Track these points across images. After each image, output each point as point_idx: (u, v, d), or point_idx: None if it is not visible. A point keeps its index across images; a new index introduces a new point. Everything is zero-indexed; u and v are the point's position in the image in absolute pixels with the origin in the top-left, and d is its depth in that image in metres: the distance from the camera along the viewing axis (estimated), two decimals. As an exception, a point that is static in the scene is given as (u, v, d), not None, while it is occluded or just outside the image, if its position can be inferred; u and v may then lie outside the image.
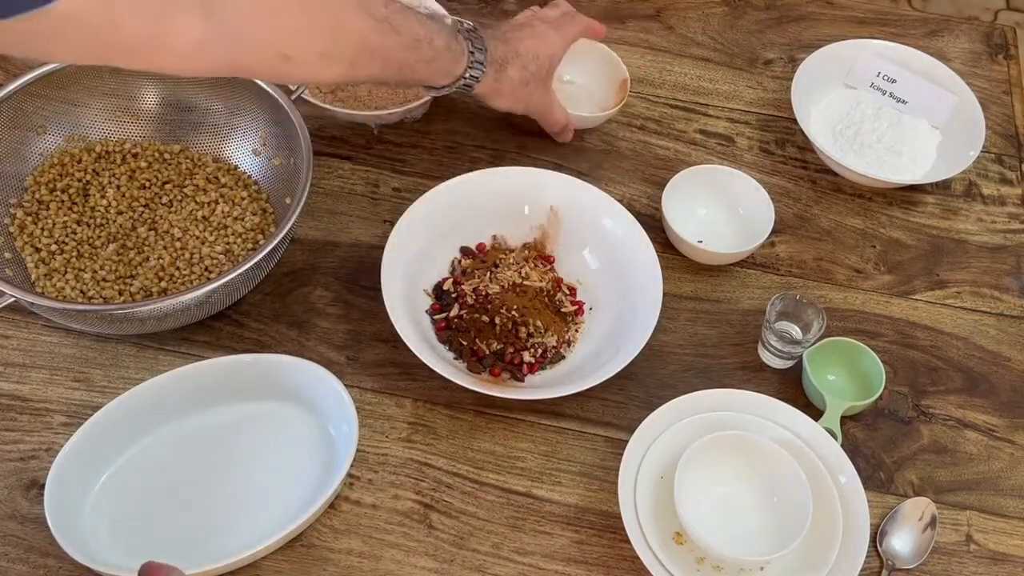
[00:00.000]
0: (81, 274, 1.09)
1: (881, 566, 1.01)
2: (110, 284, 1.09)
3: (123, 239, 1.11)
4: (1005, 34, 1.49)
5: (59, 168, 1.14)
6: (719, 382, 1.10)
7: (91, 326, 1.05)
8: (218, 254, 1.12)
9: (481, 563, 0.99)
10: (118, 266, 1.10)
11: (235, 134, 1.19)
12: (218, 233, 1.13)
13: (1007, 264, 1.25)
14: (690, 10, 1.46)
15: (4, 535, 0.97)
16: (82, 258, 1.10)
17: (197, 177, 1.16)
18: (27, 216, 1.12)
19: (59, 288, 1.08)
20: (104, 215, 1.13)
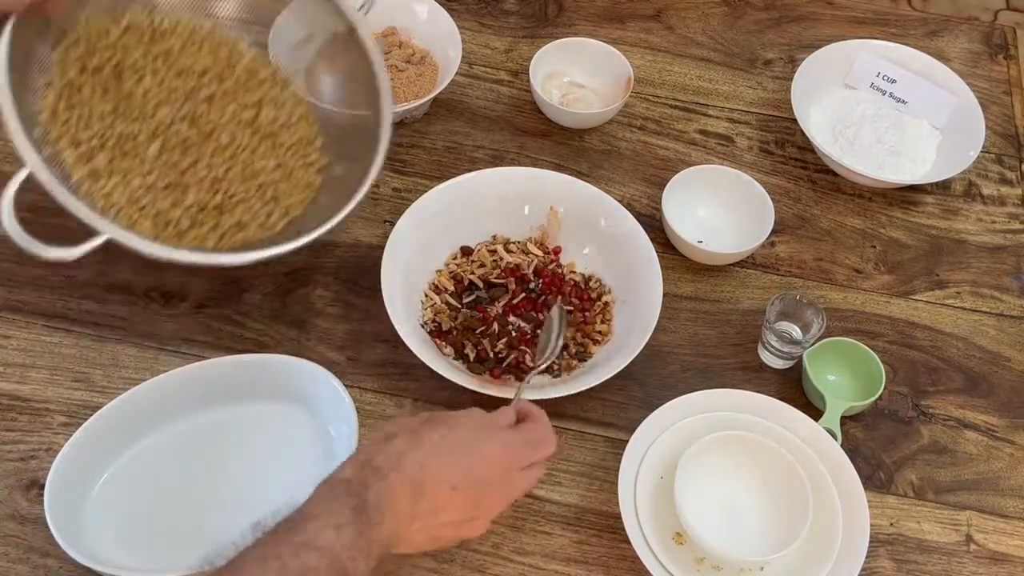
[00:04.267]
0: (129, 179, 0.98)
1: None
2: (163, 195, 0.99)
3: (165, 137, 1.00)
4: (1005, 34, 1.49)
5: (86, 44, 1.00)
6: (719, 382, 1.10)
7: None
8: (271, 170, 1.04)
9: (481, 563, 0.99)
10: (166, 171, 0.99)
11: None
12: (267, 143, 1.04)
13: (1007, 264, 1.25)
14: (690, 10, 1.46)
15: (4, 535, 0.97)
16: (126, 157, 0.99)
17: (237, 69, 1.05)
18: (59, 101, 0.97)
19: (107, 195, 0.97)
20: (142, 106, 1.01)
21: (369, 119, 1.05)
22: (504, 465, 0.86)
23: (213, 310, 1.12)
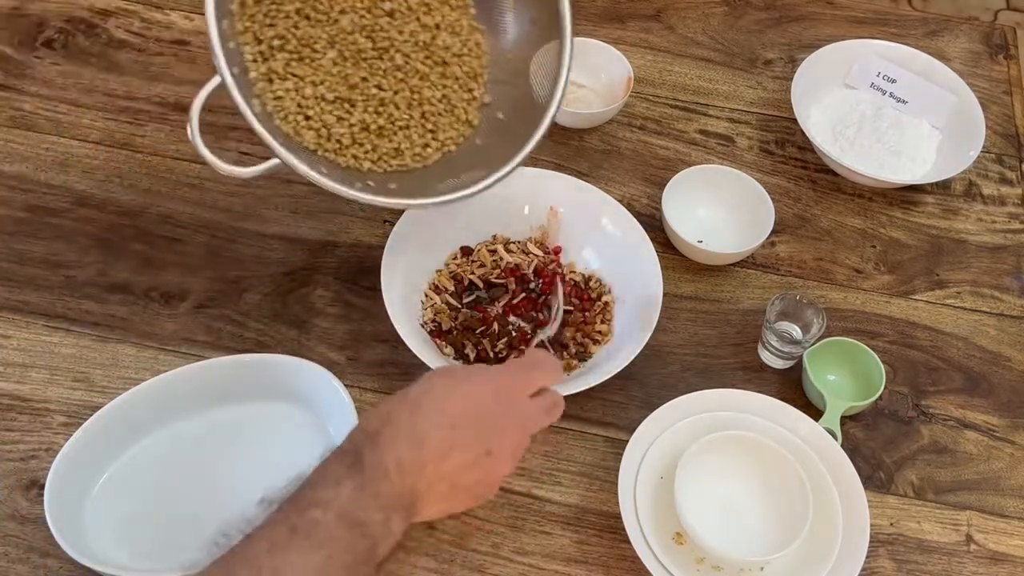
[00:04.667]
0: (302, 86, 0.98)
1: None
2: (330, 108, 0.99)
3: (342, 46, 1.00)
4: (1005, 34, 1.49)
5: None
6: (719, 382, 1.10)
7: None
8: (436, 100, 1.02)
9: (481, 563, 0.99)
10: (337, 83, 1.00)
11: None
12: (437, 71, 1.03)
13: (1007, 264, 1.25)
14: (690, 10, 1.46)
15: (4, 535, 0.97)
16: (303, 62, 0.99)
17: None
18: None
19: (278, 98, 0.98)
20: (328, 10, 1.00)
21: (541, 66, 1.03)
22: (504, 393, 0.81)
23: (213, 310, 1.12)
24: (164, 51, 1.34)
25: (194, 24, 1.37)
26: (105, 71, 1.32)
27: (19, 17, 1.36)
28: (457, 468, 0.78)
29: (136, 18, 1.37)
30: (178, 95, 1.30)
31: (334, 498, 0.72)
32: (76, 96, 1.29)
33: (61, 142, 1.24)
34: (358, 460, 0.75)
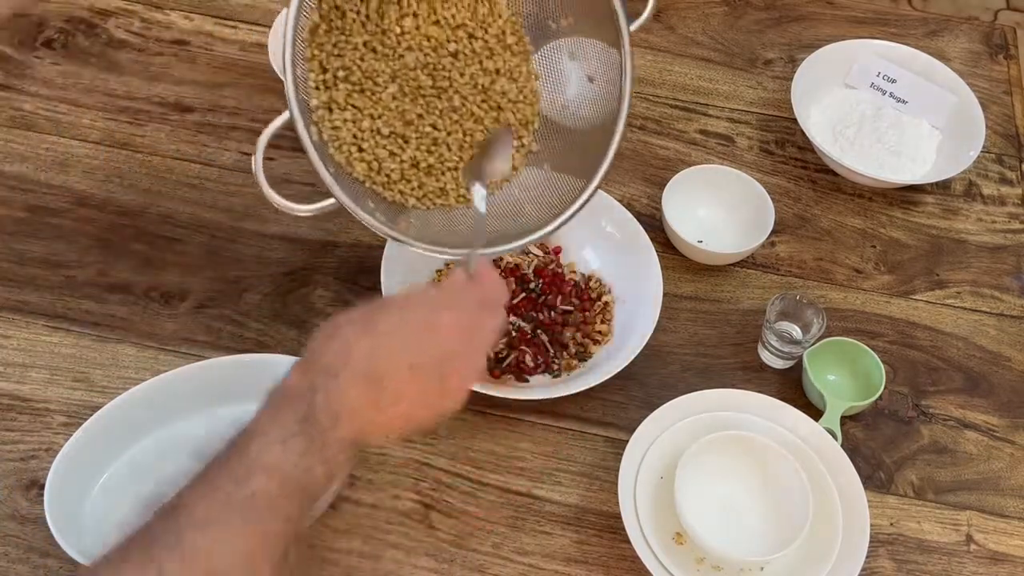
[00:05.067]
0: (360, 118, 0.98)
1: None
2: (384, 142, 0.99)
3: (403, 82, 1.00)
4: (1005, 34, 1.49)
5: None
6: (719, 382, 1.10)
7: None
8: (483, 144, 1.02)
9: (481, 563, 0.99)
10: (394, 119, 1.00)
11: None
12: (492, 115, 1.03)
13: (1007, 264, 1.25)
14: (690, 10, 1.46)
15: (4, 535, 0.97)
16: (363, 94, 0.99)
17: (490, 30, 1.03)
18: (323, 21, 0.97)
19: (336, 128, 0.98)
20: (395, 45, 1.00)
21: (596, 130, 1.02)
22: (460, 333, 0.79)
23: (213, 310, 1.12)
24: (164, 51, 1.34)
25: (194, 24, 1.37)
26: (105, 71, 1.32)
27: (19, 17, 1.36)
28: (412, 405, 0.76)
29: (136, 18, 1.37)
30: (178, 95, 1.30)
31: (281, 462, 0.69)
32: (76, 96, 1.29)
33: (61, 142, 1.24)
34: (311, 411, 0.72)
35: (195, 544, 0.65)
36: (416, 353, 0.76)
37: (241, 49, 1.35)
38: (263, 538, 0.68)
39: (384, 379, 0.74)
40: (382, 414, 0.75)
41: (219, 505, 0.67)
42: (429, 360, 0.77)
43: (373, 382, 0.74)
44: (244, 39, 1.35)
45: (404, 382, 0.75)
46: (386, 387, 0.74)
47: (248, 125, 1.27)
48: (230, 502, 0.67)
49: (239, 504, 0.67)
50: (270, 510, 0.68)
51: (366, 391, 0.74)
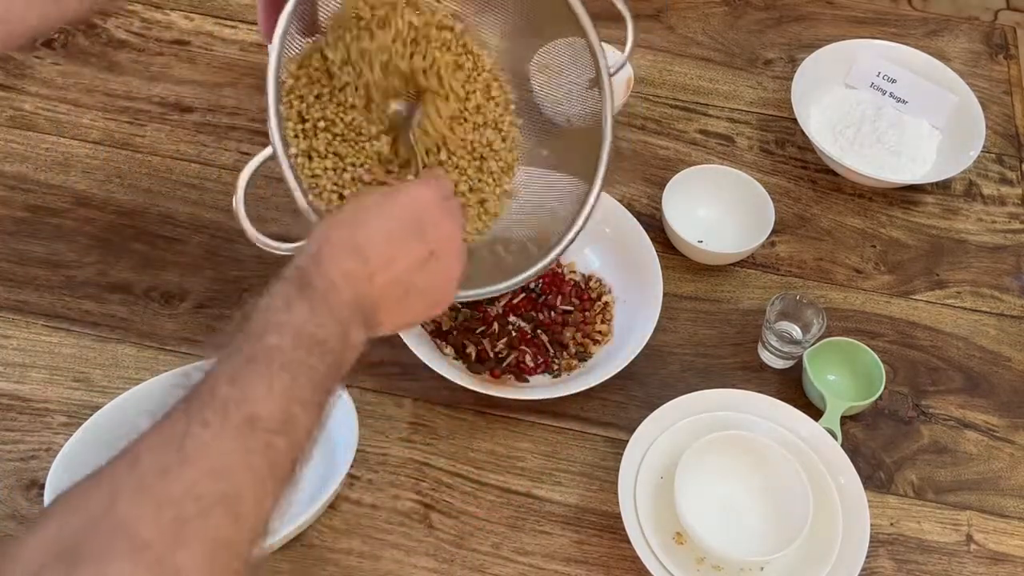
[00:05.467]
0: (341, 167, 0.95)
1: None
2: (367, 190, 0.95)
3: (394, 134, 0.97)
4: (1005, 34, 1.49)
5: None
6: (719, 382, 1.10)
7: None
8: (468, 192, 1.01)
9: (481, 563, 0.99)
10: (376, 169, 0.96)
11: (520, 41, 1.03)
12: (475, 165, 1.01)
13: (1007, 264, 1.25)
14: (690, 10, 1.46)
15: (4, 535, 0.97)
16: (346, 142, 0.96)
17: (477, 85, 1.01)
18: (300, 71, 0.94)
19: (315, 177, 0.96)
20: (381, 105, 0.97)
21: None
22: (425, 195, 0.83)
23: (213, 310, 1.12)
24: (164, 51, 1.34)
25: (194, 24, 1.37)
26: (105, 71, 1.32)
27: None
28: (405, 271, 0.79)
29: (136, 18, 1.37)
30: (178, 95, 1.30)
31: (288, 321, 0.71)
32: (76, 96, 1.29)
33: (61, 142, 1.24)
34: (305, 281, 0.74)
35: (230, 396, 0.65)
36: (390, 222, 0.80)
37: (241, 49, 1.35)
38: (292, 382, 0.68)
39: (365, 248, 0.77)
40: (377, 279, 0.77)
41: (242, 361, 0.68)
42: (404, 226, 0.80)
43: (356, 252, 0.76)
44: (244, 39, 1.35)
45: (385, 248, 0.78)
46: (370, 254, 0.77)
47: (248, 125, 1.27)
48: (253, 359, 0.68)
49: (261, 357, 0.68)
50: (291, 361, 0.69)
51: (353, 259, 0.76)
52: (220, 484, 0.62)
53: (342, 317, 0.73)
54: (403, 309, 0.80)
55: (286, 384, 0.67)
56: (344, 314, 0.74)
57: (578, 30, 1.02)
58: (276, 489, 0.65)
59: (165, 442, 0.63)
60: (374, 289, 0.76)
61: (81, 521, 0.59)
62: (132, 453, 0.63)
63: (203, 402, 0.65)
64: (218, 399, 0.65)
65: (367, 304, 0.76)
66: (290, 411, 0.67)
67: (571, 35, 1.03)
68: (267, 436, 0.65)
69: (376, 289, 0.77)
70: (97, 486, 0.61)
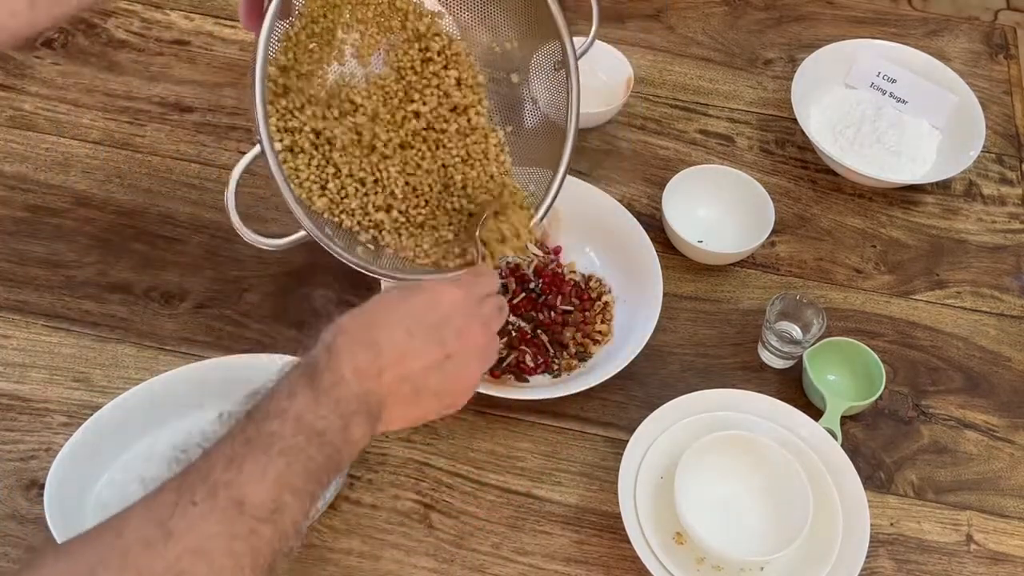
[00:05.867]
0: (324, 164, 0.95)
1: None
2: (349, 181, 0.96)
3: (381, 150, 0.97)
4: (1005, 34, 1.49)
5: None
6: (719, 382, 1.10)
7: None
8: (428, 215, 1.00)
9: (481, 563, 0.99)
10: (362, 171, 0.96)
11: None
12: (446, 193, 1.00)
13: (1007, 264, 1.25)
14: (690, 10, 1.46)
15: (4, 535, 0.97)
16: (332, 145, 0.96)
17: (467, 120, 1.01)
18: (279, 72, 0.93)
19: (298, 169, 0.95)
20: (372, 139, 0.97)
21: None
22: (456, 298, 0.81)
23: (213, 310, 1.12)
24: (164, 51, 1.34)
25: (194, 24, 1.37)
26: (105, 71, 1.32)
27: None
28: (418, 372, 0.78)
29: (136, 18, 1.37)
30: (178, 95, 1.30)
31: (290, 407, 0.71)
32: (76, 96, 1.29)
33: (61, 142, 1.24)
34: (314, 371, 0.74)
35: (221, 478, 0.67)
36: (412, 319, 0.78)
37: (241, 49, 1.35)
38: (286, 467, 0.69)
39: (381, 343, 0.76)
40: (386, 376, 0.76)
41: (241, 443, 0.69)
42: (426, 325, 0.79)
43: (371, 346, 0.76)
44: (244, 39, 1.35)
45: (403, 346, 0.77)
46: (385, 349, 0.76)
47: (248, 125, 1.27)
48: (251, 441, 0.69)
49: (260, 441, 0.69)
50: (289, 448, 0.70)
51: (366, 353, 0.76)
52: (200, 565, 0.63)
53: (346, 411, 0.74)
54: (413, 407, 0.80)
55: (280, 470, 0.69)
56: (349, 408, 0.74)
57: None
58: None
59: (151, 517, 0.65)
60: (382, 386, 0.76)
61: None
62: (119, 522, 0.65)
63: (195, 481, 0.66)
64: (210, 480, 0.66)
65: (373, 400, 0.76)
66: (280, 499, 0.68)
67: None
68: (253, 523, 0.66)
69: (384, 386, 0.76)
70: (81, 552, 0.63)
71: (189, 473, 0.68)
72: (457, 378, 0.81)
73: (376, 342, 0.76)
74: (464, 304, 0.82)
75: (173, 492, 0.66)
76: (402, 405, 0.78)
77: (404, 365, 0.77)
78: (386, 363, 0.76)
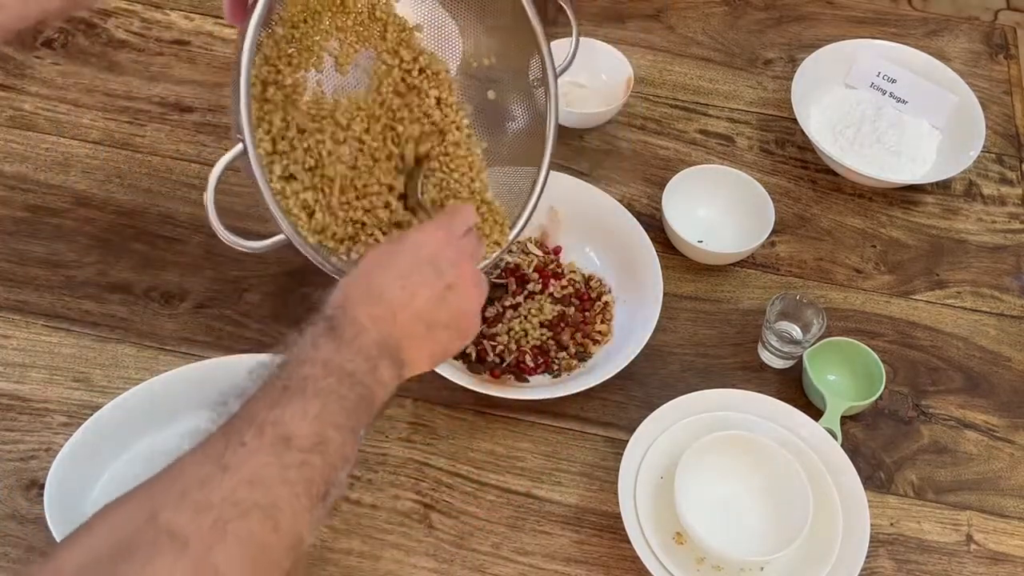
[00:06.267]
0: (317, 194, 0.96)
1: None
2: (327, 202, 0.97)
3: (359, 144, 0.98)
4: (1005, 34, 1.49)
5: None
6: (719, 382, 1.10)
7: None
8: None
9: (481, 563, 0.99)
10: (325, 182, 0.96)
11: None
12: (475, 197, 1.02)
13: (1007, 264, 1.25)
14: (690, 10, 1.46)
15: (4, 535, 0.97)
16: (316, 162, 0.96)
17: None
18: (265, 66, 0.93)
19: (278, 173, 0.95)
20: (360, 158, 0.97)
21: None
22: (437, 237, 0.85)
23: (213, 310, 1.12)
24: (164, 51, 1.34)
25: (194, 24, 1.37)
26: (105, 71, 1.32)
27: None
28: (426, 307, 0.82)
29: (136, 18, 1.37)
30: (178, 95, 1.30)
31: (316, 356, 0.75)
32: (76, 96, 1.29)
33: (61, 142, 1.24)
34: (331, 325, 0.77)
35: (268, 418, 0.69)
36: (404, 265, 0.83)
37: (241, 49, 1.35)
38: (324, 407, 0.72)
39: (383, 293, 0.80)
40: (398, 321, 0.80)
41: (278, 391, 0.72)
42: (418, 265, 0.83)
43: (374, 296, 0.80)
44: (244, 39, 1.35)
45: (401, 290, 0.81)
46: (387, 298, 0.80)
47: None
48: (288, 388, 0.72)
49: (295, 386, 0.72)
50: (324, 389, 0.73)
51: (373, 303, 0.80)
52: (257, 493, 0.65)
53: (370, 355, 0.77)
54: (430, 343, 0.83)
55: (319, 409, 0.71)
56: (372, 352, 0.77)
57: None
58: (311, 504, 0.68)
59: (205, 458, 0.67)
60: (397, 328, 0.80)
61: (123, 525, 0.62)
62: (173, 470, 0.67)
63: (241, 425, 0.69)
64: (255, 422, 0.69)
65: (392, 343, 0.79)
66: (324, 433, 0.71)
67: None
68: (303, 455, 0.69)
69: (399, 328, 0.80)
70: (139, 499, 0.65)
71: (233, 420, 0.70)
72: (462, 305, 0.84)
73: (381, 292, 0.80)
74: (447, 239, 0.85)
75: (222, 436, 0.68)
76: (420, 342, 0.82)
77: (412, 305, 0.81)
78: (396, 307, 0.80)
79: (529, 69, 1.04)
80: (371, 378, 0.76)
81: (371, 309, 0.79)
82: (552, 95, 1.03)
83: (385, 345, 0.78)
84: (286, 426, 0.69)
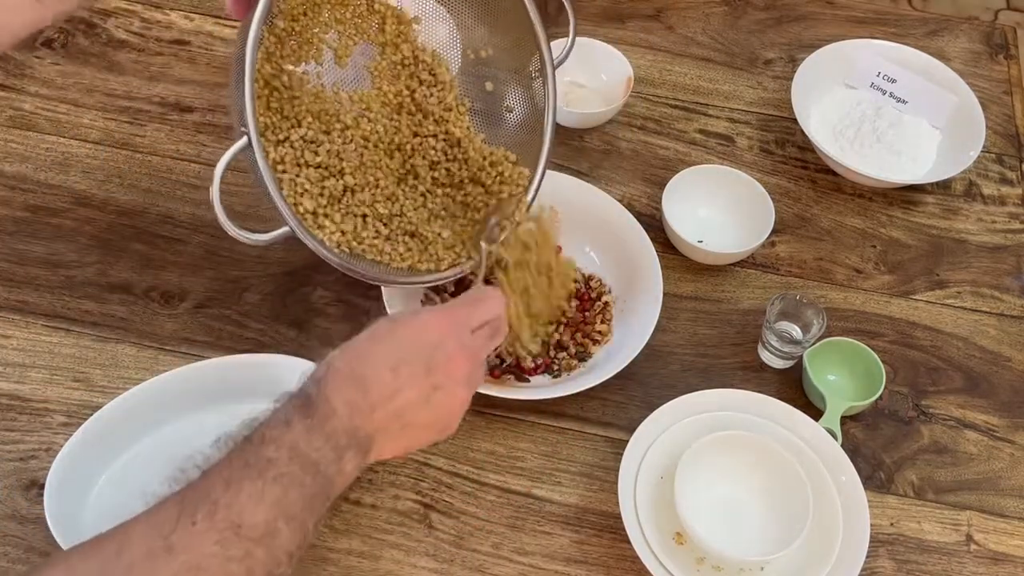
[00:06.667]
0: (320, 194, 0.99)
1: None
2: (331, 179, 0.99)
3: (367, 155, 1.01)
4: (1005, 34, 1.49)
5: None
6: (719, 382, 1.10)
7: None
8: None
9: (481, 563, 0.99)
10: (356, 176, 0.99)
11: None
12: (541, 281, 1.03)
13: (1007, 264, 1.25)
14: (690, 10, 1.46)
15: (4, 535, 0.97)
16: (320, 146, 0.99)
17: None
18: (267, 63, 0.96)
19: (289, 168, 0.98)
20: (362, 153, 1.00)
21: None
22: (443, 329, 0.82)
23: (213, 310, 1.12)
24: (164, 51, 1.34)
25: (194, 24, 1.37)
26: (105, 71, 1.32)
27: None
28: (407, 407, 0.79)
29: (136, 18, 1.37)
30: (178, 95, 1.30)
31: (285, 436, 0.74)
32: (76, 96, 1.29)
33: (61, 142, 1.24)
34: (307, 402, 0.76)
35: (221, 499, 0.69)
36: (397, 354, 0.80)
37: (241, 49, 1.35)
38: (283, 494, 0.72)
39: (368, 380, 0.78)
40: (377, 413, 0.78)
41: (240, 467, 0.72)
42: (411, 358, 0.80)
43: (359, 382, 0.78)
44: (244, 39, 1.35)
45: (390, 381, 0.78)
46: (373, 386, 0.78)
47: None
48: (249, 465, 0.72)
49: (256, 465, 0.72)
50: (284, 475, 0.72)
51: (355, 389, 0.77)
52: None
53: (338, 444, 0.76)
54: (404, 440, 0.82)
55: (277, 496, 0.71)
56: (341, 441, 0.76)
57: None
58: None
59: (155, 530, 0.68)
60: (372, 422, 0.78)
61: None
62: (122, 535, 0.68)
63: (196, 498, 0.70)
64: (210, 499, 0.69)
65: (363, 435, 0.78)
66: (275, 525, 0.71)
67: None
68: (249, 545, 0.69)
69: (374, 423, 0.78)
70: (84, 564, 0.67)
71: (189, 491, 0.71)
72: (444, 408, 0.82)
73: (364, 379, 0.78)
74: (452, 333, 0.82)
75: (175, 508, 0.69)
76: (392, 438, 0.80)
77: (393, 402, 0.79)
78: (376, 401, 0.78)
79: (528, 62, 1.04)
80: (334, 468, 0.75)
81: (350, 395, 0.77)
82: (550, 83, 1.02)
83: (355, 435, 0.77)
84: (239, 510, 0.69)
